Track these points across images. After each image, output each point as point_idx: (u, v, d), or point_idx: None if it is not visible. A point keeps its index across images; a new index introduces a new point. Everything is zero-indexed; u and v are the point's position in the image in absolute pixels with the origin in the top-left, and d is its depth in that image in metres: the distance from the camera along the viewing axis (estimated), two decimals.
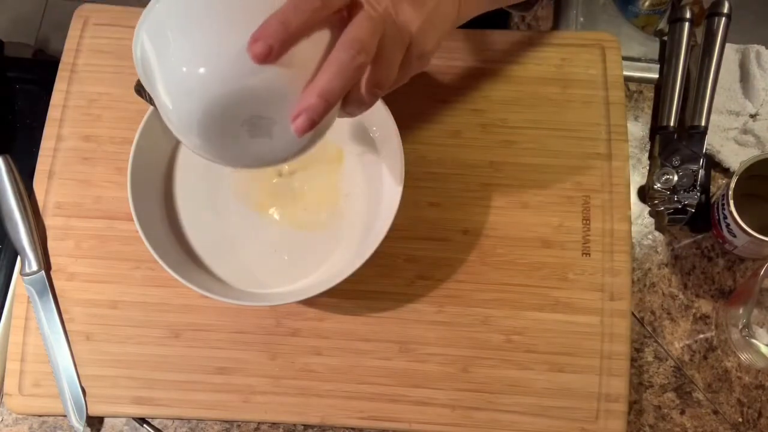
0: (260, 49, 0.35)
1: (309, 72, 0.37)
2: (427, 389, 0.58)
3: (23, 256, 0.61)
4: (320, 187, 0.60)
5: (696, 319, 0.61)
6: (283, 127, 0.38)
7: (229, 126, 0.38)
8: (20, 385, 0.59)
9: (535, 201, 0.62)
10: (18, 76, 0.69)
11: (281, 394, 0.58)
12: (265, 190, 0.60)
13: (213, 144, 0.39)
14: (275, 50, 0.35)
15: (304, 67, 0.37)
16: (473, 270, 0.60)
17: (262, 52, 0.35)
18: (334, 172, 0.60)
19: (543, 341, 0.59)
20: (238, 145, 0.40)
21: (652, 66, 0.68)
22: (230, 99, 0.36)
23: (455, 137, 0.64)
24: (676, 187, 0.61)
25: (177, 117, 0.38)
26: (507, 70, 0.66)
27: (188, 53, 0.37)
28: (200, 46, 0.36)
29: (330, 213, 0.59)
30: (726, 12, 0.64)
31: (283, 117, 0.38)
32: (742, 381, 0.60)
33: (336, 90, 0.37)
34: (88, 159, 0.64)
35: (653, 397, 0.60)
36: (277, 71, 0.36)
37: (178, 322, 0.60)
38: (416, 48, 0.43)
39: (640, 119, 0.67)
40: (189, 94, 0.37)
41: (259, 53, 0.35)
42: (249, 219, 0.60)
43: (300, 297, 0.54)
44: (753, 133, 0.65)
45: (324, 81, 0.37)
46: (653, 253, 0.63)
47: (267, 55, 0.35)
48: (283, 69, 0.36)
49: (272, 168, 0.60)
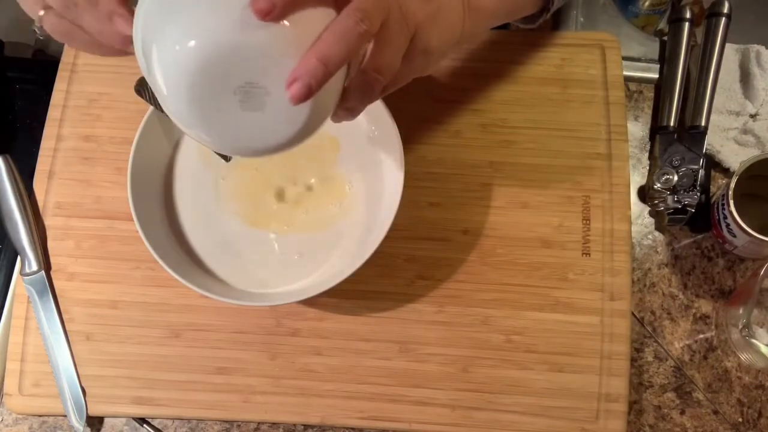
0: (263, 4, 0.34)
1: (308, 39, 0.36)
2: (427, 389, 0.58)
3: (23, 256, 0.61)
4: (320, 188, 0.60)
5: (696, 319, 0.61)
6: (277, 100, 0.37)
7: (221, 92, 0.37)
8: (20, 385, 0.59)
9: (535, 201, 0.62)
10: (18, 76, 0.69)
11: (281, 394, 0.58)
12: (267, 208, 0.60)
13: (204, 114, 0.38)
14: (279, 8, 0.34)
15: (303, 32, 0.36)
16: (473, 270, 0.60)
17: (265, 7, 0.34)
18: (334, 172, 0.60)
19: (543, 341, 0.59)
20: (229, 118, 0.38)
21: (652, 66, 0.68)
22: (223, 58, 0.36)
23: (455, 137, 0.64)
24: (676, 187, 0.61)
25: (170, 86, 0.37)
26: (507, 70, 0.66)
27: (181, 30, 0.36)
28: (192, 21, 0.36)
29: (330, 213, 0.59)
30: (726, 12, 0.64)
31: (278, 86, 0.37)
32: (742, 381, 0.60)
33: (336, 55, 0.36)
34: (88, 159, 0.64)
35: (653, 397, 0.60)
36: (277, 31, 0.35)
37: (178, 322, 0.60)
38: (420, 40, 0.42)
39: (640, 119, 0.67)
40: (180, 62, 0.36)
41: (261, 8, 0.34)
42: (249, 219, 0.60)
43: (300, 297, 0.54)
44: (753, 133, 0.65)
45: (325, 44, 0.36)
46: (653, 253, 0.63)
47: (269, 11, 0.34)
48: (282, 29, 0.35)
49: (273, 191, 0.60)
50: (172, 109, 0.39)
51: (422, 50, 0.43)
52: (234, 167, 0.60)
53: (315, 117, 0.39)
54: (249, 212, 0.60)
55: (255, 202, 0.60)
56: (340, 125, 0.46)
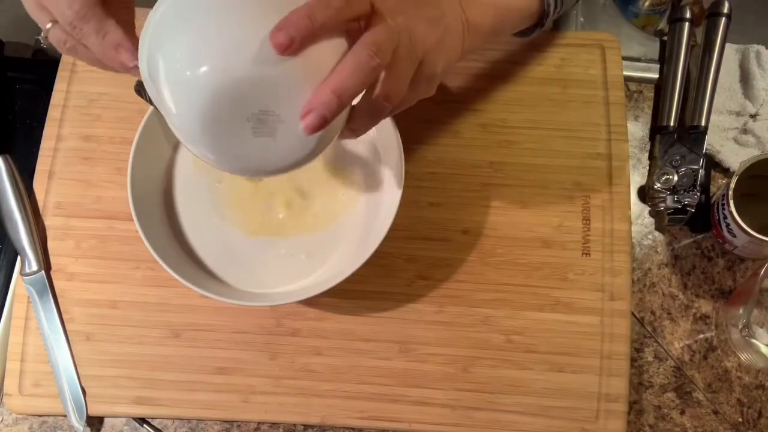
0: (282, 39, 0.35)
1: (323, 72, 0.37)
2: (427, 389, 0.58)
3: (23, 256, 0.61)
4: (320, 188, 0.60)
5: (696, 319, 0.61)
6: (290, 127, 0.38)
7: (234, 118, 0.38)
8: (20, 385, 0.59)
9: (535, 201, 0.62)
10: (18, 76, 0.69)
11: (281, 394, 0.58)
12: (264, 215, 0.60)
13: (214, 138, 0.38)
14: (297, 42, 0.35)
15: (318, 64, 0.37)
16: (473, 270, 0.60)
17: (284, 42, 0.35)
18: (334, 172, 0.60)
19: (543, 341, 0.59)
20: (240, 143, 0.39)
21: (652, 66, 0.68)
22: (239, 88, 0.36)
23: (455, 137, 0.64)
24: (676, 187, 0.61)
25: (179, 106, 0.38)
26: (507, 70, 0.66)
27: (194, 53, 0.36)
28: (208, 44, 0.36)
29: (330, 213, 0.59)
30: (726, 12, 0.64)
31: (292, 115, 0.37)
32: (742, 381, 0.60)
33: (350, 88, 0.37)
34: (88, 159, 0.64)
35: (653, 397, 0.60)
36: (294, 64, 0.36)
37: (178, 322, 0.60)
38: (427, 67, 0.43)
39: (640, 119, 0.67)
40: (193, 86, 0.36)
41: (281, 43, 0.35)
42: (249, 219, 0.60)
43: (300, 297, 0.54)
44: (753, 133, 0.65)
45: (339, 77, 0.37)
46: (653, 253, 0.63)
47: (288, 45, 0.35)
48: (297, 61, 0.36)
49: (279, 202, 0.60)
50: (180, 127, 0.39)
51: (428, 77, 0.44)
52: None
53: (323, 141, 0.40)
54: (248, 213, 0.60)
55: (254, 203, 0.60)
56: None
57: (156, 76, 0.38)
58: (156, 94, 0.39)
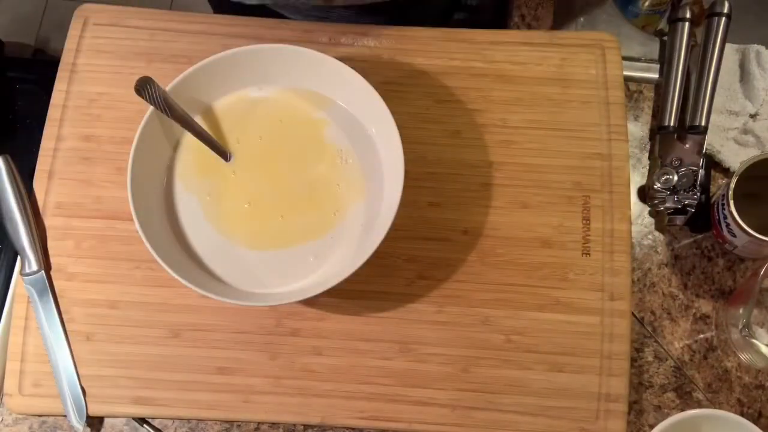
0: None
1: None
2: (427, 389, 0.58)
3: (23, 256, 0.61)
4: (320, 188, 0.60)
5: (696, 319, 0.61)
6: None
7: None
8: (20, 385, 0.59)
9: (535, 201, 0.62)
10: (18, 76, 0.69)
11: (281, 394, 0.58)
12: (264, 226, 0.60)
13: None
14: None
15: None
16: (473, 270, 0.60)
17: None
18: (334, 172, 0.60)
19: (543, 341, 0.59)
20: None
21: (652, 66, 0.68)
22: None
23: (455, 137, 0.64)
24: (676, 187, 0.61)
25: None
26: (507, 70, 0.66)
27: None
28: None
29: (330, 213, 0.59)
30: (726, 12, 0.64)
31: None
32: (742, 381, 0.60)
33: None
34: (88, 159, 0.64)
35: (653, 397, 0.60)
36: None
37: (178, 322, 0.60)
38: None
39: (640, 119, 0.67)
40: None
41: None
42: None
43: (300, 297, 0.54)
44: (753, 133, 0.65)
45: None
46: (653, 253, 0.63)
47: None
48: None
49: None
50: None
51: None
52: (230, 173, 0.60)
53: None
54: (248, 214, 0.59)
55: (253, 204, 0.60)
56: (340, 128, 0.46)
57: None
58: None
